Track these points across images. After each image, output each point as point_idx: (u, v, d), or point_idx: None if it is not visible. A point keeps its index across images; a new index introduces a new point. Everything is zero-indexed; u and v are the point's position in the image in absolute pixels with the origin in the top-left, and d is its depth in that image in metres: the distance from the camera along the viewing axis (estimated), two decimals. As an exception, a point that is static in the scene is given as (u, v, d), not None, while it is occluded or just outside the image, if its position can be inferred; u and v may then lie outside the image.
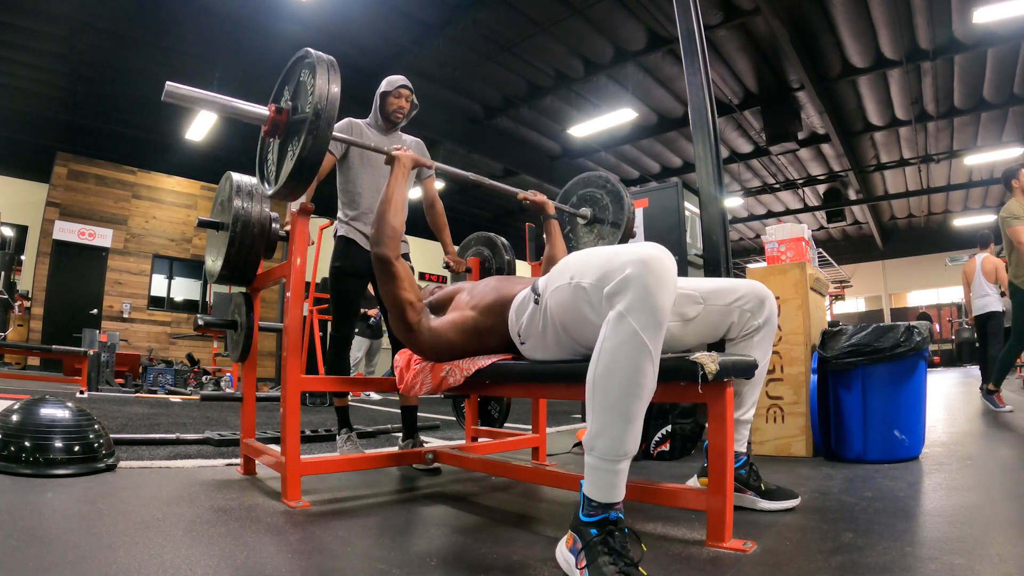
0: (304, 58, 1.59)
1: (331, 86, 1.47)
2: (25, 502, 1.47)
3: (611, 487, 1.03)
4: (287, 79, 1.67)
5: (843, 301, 14.60)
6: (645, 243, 1.09)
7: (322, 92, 1.45)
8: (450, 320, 1.55)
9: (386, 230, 1.57)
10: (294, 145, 1.52)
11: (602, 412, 1.04)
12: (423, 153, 2.60)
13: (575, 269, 1.20)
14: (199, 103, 1.50)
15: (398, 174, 1.69)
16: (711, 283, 1.47)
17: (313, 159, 1.47)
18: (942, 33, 6.83)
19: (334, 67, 1.51)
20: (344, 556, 1.19)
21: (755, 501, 1.50)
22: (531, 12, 6.79)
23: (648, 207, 3.85)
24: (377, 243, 1.57)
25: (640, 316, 1.01)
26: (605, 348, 1.03)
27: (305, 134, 1.44)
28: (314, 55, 1.54)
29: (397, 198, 1.63)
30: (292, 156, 1.51)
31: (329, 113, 1.45)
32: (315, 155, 1.47)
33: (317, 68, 1.48)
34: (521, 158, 10.51)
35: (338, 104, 1.48)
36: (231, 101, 1.55)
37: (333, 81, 1.48)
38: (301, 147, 1.46)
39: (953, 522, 1.36)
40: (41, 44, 7.23)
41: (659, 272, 1.02)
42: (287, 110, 1.59)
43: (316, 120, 1.43)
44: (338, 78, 1.49)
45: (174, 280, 10.38)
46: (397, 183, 1.66)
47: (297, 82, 1.60)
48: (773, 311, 1.47)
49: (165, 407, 4.55)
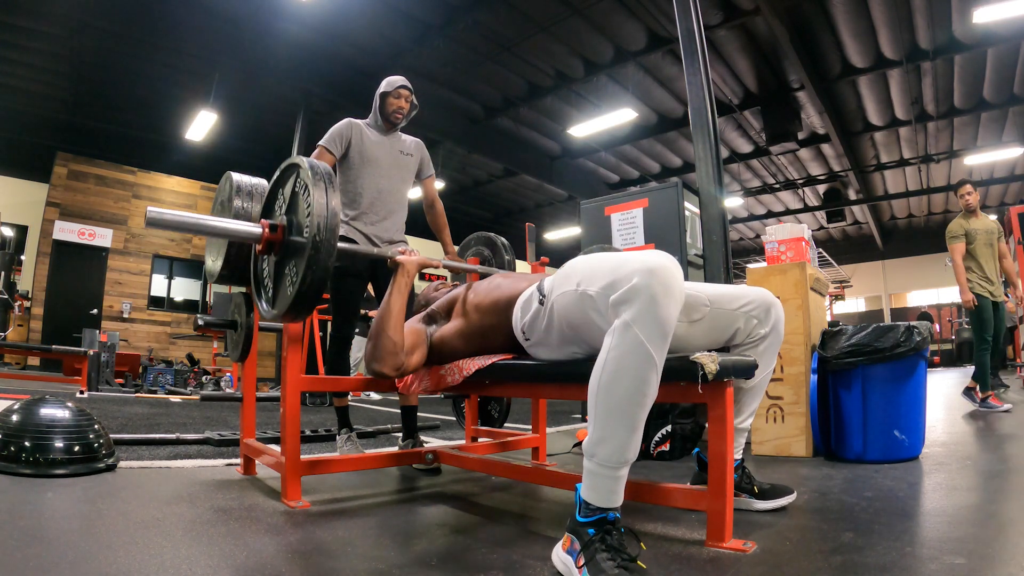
0: (296, 167, 1.47)
1: (330, 204, 1.35)
2: (25, 502, 1.47)
3: (611, 492, 1.04)
4: (278, 187, 1.57)
5: (843, 301, 14.58)
6: (653, 251, 1.09)
7: (320, 216, 1.33)
8: (454, 329, 1.55)
9: (386, 346, 1.46)
10: (292, 273, 1.41)
11: (605, 419, 1.04)
12: (423, 154, 2.60)
13: (582, 275, 1.19)
14: (185, 227, 1.40)
15: (401, 283, 1.54)
16: (718, 288, 1.46)
17: (315, 291, 1.36)
18: (942, 33, 6.83)
19: (331, 181, 1.40)
20: (344, 556, 1.19)
21: (750, 503, 1.50)
22: (531, 12, 6.79)
23: (648, 207, 3.85)
24: (375, 360, 1.47)
25: (646, 326, 1.00)
26: (610, 357, 1.03)
27: (305, 268, 1.33)
28: (306, 167, 1.41)
29: (398, 310, 1.50)
30: (292, 285, 1.39)
31: (330, 240, 1.34)
32: (317, 286, 1.36)
33: (313, 188, 1.36)
34: (521, 158, 10.52)
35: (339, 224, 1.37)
36: (219, 221, 1.45)
37: (331, 197, 1.36)
38: (301, 281, 1.34)
39: (953, 522, 1.36)
40: (41, 44, 7.24)
41: (666, 282, 1.02)
42: (282, 227, 1.46)
43: (316, 254, 1.32)
44: (336, 192, 1.39)
45: (174, 280, 10.38)
46: (399, 293, 1.52)
47: (291, 193, 1.49)
48: (780, 319, 1.44)
49: (165, 407, 4.55)
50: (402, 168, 2.50)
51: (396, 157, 2.47)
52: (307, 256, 1.34)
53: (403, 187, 2.52)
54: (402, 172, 2.50)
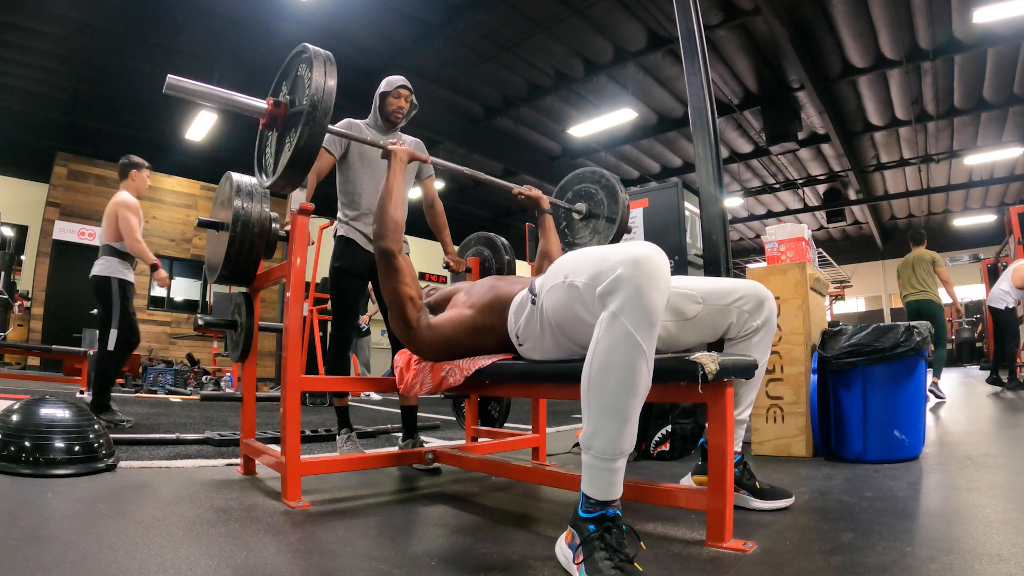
0: (301, 53, 1.61)
1: (327, 79, 1.49)
2: (25, 502, 1.47)
3: (609, 485, 1.04)
4: (285, 74, 1.69)
5: (843, 301, 14.59)
6: (637, 242, 1.09)
7: (319, 85, 1.48)
8: (448, 317, 1.56)
9: (388, 223, 1.60)
10: (291, 137, 1.54)
11: (598, 412, 1.04)
12: (422, 152, 2.60)
13: (569, 268, 1.20)
14: (199, 96, 1.53)
15: (395, 167, 1.72)
16: (710, 283, 1.46)
17: (310, 150, 1.50)
18: (942, 33, 6.83)
19: (331, 61, 1.53)
20: (344, 556, 1.19)
21: (748, 500, 1.50)
22: (531, 12, 6.79)
23: (648, 207, 3.85)
24: (380, 236, 1.59)
25: (633, 316, 1.01)
26: (599, 348, 1.03)
27: (302, 125, 1.47)
28: (311, 50, 1.56)
29: (396, 191, 1.66)
30: (290, 147, 1.53)
31: (326, 104, 1.48)
32: (312, 146, 1.49)
33: (314, 63, 1.51)
34: (521, 158, 10.52)
35: (334, 96, 1.51)
36: (230, 94, 1.58)
37: (330, 75, 1.50)
38: (298, 138, 1.48)
39: (953, 522, 1.36)
40: (41, 44, 7.24)
41: (651, 271, 1.02)
42: (285, 104, 1.61)
43: (313, 111, 1.46)
44: (335, 72, 1.52)
45: (174, 280, 10.37)
46: (395, 176, 1.70)
47: (295, 77, 1.62)
48: (772, 312, 1.46)
49: (165, 407, 4.55)
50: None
51: None
52: (305, 115, 1.46)
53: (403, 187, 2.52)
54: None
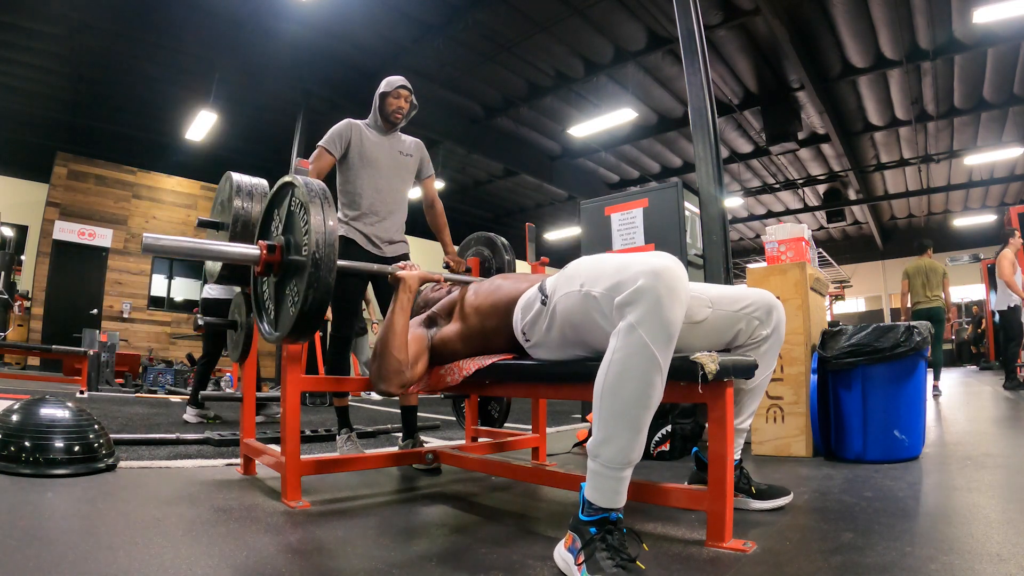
0: (291, 186, 1.47)
1: (328, 223, 1.35)
2: (25, 502, 1.47)
3: (614, 493, 1.04)
4: (274, 205, 1.56)
5: (843, 301, 14.58)
6: (658, 253, 1.08)
7: (319, 235, 1.32)
8: (455, 331, 1.55)
9: (391, 366, 1.45)
10: (293, 293, 1.40)
11: (610, 420, 1.04)
12: (422, 154, 2.59)
13: (585, 276, 1.18)
14: (182, 252, 1.40)
15: (403, 300, 1.50)
16: (719, 289, 1.45)
17: (317, 310, 1.36)
18: (942, 33, 6.83)
19: (327, 200, 1.39)
20: (344, 556, 1.19)
21: (747, 502, 1.50)
22: (531, 12, 6.78)
23: (648, 207, 3.85)
24: (380, 380, 1.46)
25: (651, 328, 1.01)
26: (615, 359, 1.03)
27: (306, 288, 1.33)
28: (301, 186, 1.40)
29: (401, 328, 1.47)
30: (294, 306, 1.38)
31: (330, 258, 1.33)
32: (319, 306, 1.35)
33: (310, 206, 1.35)
34: (521, 158, 10.51)
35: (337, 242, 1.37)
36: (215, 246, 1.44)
37: (328, 216, 1.36)
38: (303, 301, 1.34)
39: (953, 522, 1.36)
40: (41, 44, 7.23)
41: (672, 284, 1.02)
42: (280, 248, 1.46)
43: (316, 272, 1.32)
44: (333, 211, 1.38)
45: (174, 280, 10.38)
46: (401, 310, 1.48)
47: (287, 212, 1.48)
48: (781, 321, 1.44)
49: (165, 407, 4.55)
50: (402, 168, 2.49)
51: (396, 157, 2.47)
52: (307, 275, 1.33)
53: (403, 187, 2.52)
54: (402, 172, 2.50)
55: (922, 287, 5.59)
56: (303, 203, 1.40)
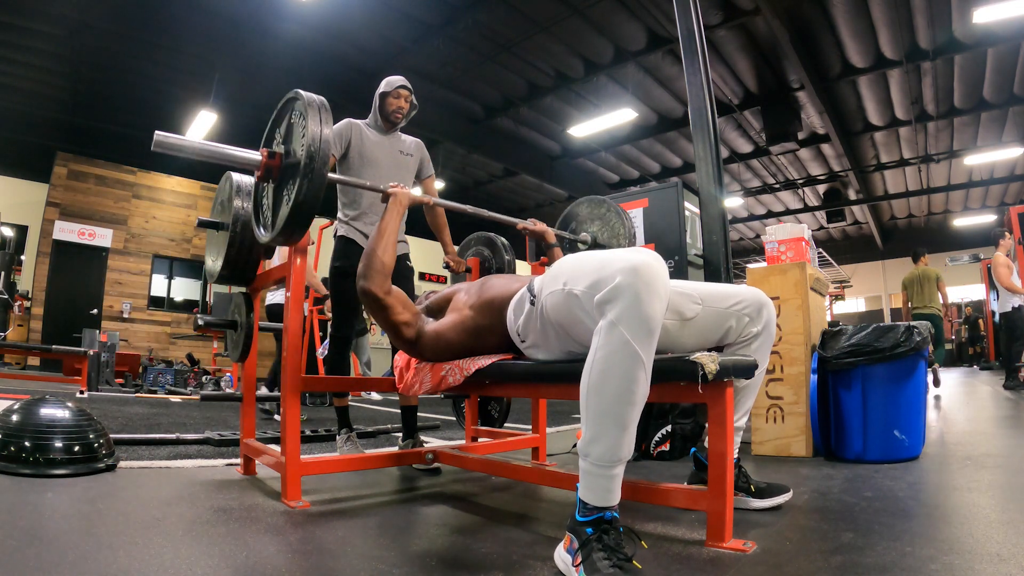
0: (294, 100, 1.56)
1: (323, 127, 1.45)
2: (25, 502, 1.47)
3: (606, 491, 1.04)
4: (277, 121, 1.65)
5: (843, 301, 14.58)
6: (636, 249, 1.09)
7: (314, 135, 1.43)
8: (449, 322, 1.56)
9: (375, 264, 1.54)
10: (289, 190, 1.49)
11: (596, 419, 1.04)
12: (423, 154, 2.60)
13: (568, 275, 1.20)
14: (189, 151, 1.49)
15: (393, 211, 1.67)
16: (709, 286, 1.46)
17: (310, 204, 1.45)
18: (942, 33, 6.83)
19: (325, 108, 1.49)
20: (344, 556, 1.19)
21: (746, 501, 1.50)
22: (531, 12, 6.79)
23: (648, 207, 3.85)
24: (364, 276, 1.54)
25: (631, 325, 1.01)
26: (598, 357, 1.04)
27: (300, 178, 1.41)
28: (304, 97, 1.51)
29: (390, 233, 1.61)
30: (288, 201, 1.48)
31: (323, 155, 1.43)
32: (311, 200, 1.44)
33: (308, 111, 1.46)
34: (521, 158, 10.51)
35: (331, 145, 1.48)
36: (221, 148, 1.53)
37: (325, 122, 1.46)
38: (296, 191, 1.43)
39: (953, 522, 1.36)
40: (41, 44, 7.24)
41: (649, 280, 1.02)
42: (280, 154, 1.56)
43: (310, 163, 1.41)
44: (330, 119, 1.48)
45: (174, 280, 10.38)
46: (392, 219, 1.64)
47: (288, 124, 1.58)
48: (771, 318, 1.46)
49: (165, 407, 4.55)
50: (402, 168, 2.49)
51: (396, 157, 2.47)
52: (302, 167, 1.42)
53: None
54: (402, 172, 2.49)
55: (917, 294, 5.97)
56: (303, 112, 1.50)
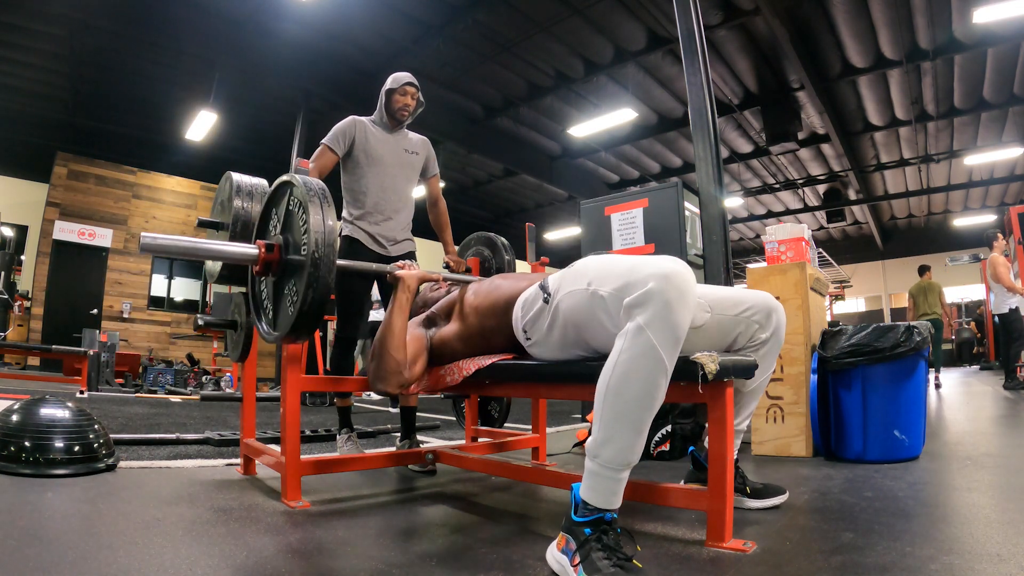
0: (290, 186, 1.46)
1: (327, 222, 1.33)
2: (25, 502, 1.47)
3: (611, 494, 1.04)
4: (272, 204, 1.55)
5: (843, 301, 14.57)
6: (668, 257, 1.08)
7: (318, 234, 1.31)
8: (453, 332, 1.54)
9: (389, 366, 1.44)
10: (292, 292, 1.38)
11: (612, 421, 1.04)
12: (428, 152, 2.55)
13: (594, 275, 1.18)
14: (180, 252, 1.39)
15: (402, 300, 1.50)
16: (719, 291, 1.43)
17: (316, 310, 1.34)
18: (942, 33, 6.82)
19: (326, 199, 1.38)
20: (344, 556, 1.19)
21: (743, 501, 1.50)
22: (531, 12, 6.78)
23: (648, 207, 3.85)
24: (379, 379, 1.45)
25: (659, 331, 1.01)
26: (621, 359, 1.03)
27: (305, 287, 1.32)
28: (300, 185, 1.39)
29: (399, 329, 1.47)
30: (292, 306, 1.37)
31: (329, 259, 1.32)
32: (318, 306, 1.34)
33: (309, 205, 1.34)
34: (521, 158, 10.51)
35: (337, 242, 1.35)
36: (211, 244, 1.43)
37: (328, 215, 1.34)
38: (302, 300, 1.32)
39: (953, 522, 1.36)
40: (41, 44, 7.24)
41: (681, 288, 1.02)
42: (278, 247, 1.44)
43: (315, 271, 1.31)
44: (332, 210, 1.36)
45: (174, 280, 10.38)
46: (400, 311, 1.48)
47: (286, 211, 1.47)
48: (781, 324, 1.43)
49: (165, 407, 4.55)
50: (407, 166, 2.46)
51: (401, 155, 2.43)
52: (307, 274, 1.32)
53: (408, 185, 2.48)
54: (407, 170, 2.46)
55: (922, 304, 7.17)
56: (302, 202, 1.39)
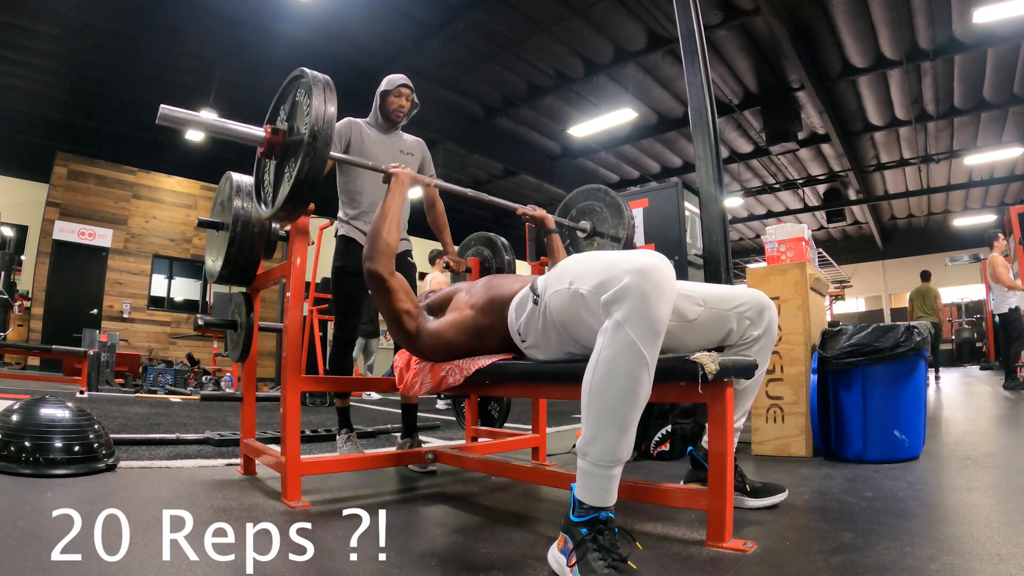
0: (299, 78, 1.57)
1: (327, 106, 1.45)
2: (25, 502, 1.47)
3: (604, 492, 1.04)
4: (282, 99, 1.66)
5: (843, 301, 14.57)
6: (644, 251, 1.09)
7: (318, 113, 1.44)
8: (449, 320, 1.55)
9: (379, 245, 1.55)
10: (291, 167, 1.49)
11: (597, 419, 1.04)
12: (424, 153, 2.58)
13: (574, 274, 1.19)
14: (194, 125, 1.50)
15: (395, 190, 1.68)
16: (711, 288, 1.45)
17: (311, 181, 1.46)
18: (942, 33, 6.83)
19: (330, 87, 1.49)
20: (344, 556, 1.19)
21: (742, 500, 1.50)
22: (531, 12, 6.78)
23: (648, 207, 3.85)
24: (369, 258, 1.55)
25: (637, 326, 1.01)
26: (602, 357, 1.03)
27: (302, 156, 1.42)
28: (309, 75, 1.51)
29: (393, 214, 1.62)
30: (289, 178, 1.48)
31: (326, 133, 1.44)
32: (313, 177, 1.45)
33: (313, 89, 1.46)
34: (521, 158, 10.51)
35: (335, 124, 1.47)
36: (226, 123, 1.54)
37: (329, 101, 1.46)
38: (299, 169, 1.43)
39: (953, 522, 1.36)
40: (41, 44, 7.23)
41: (657, 281, 1.02)
42: (283, 131, 1.57)
43: (313, 142, 1.42)
44: (334, 98, 1.48)
45: (174, 280, 10.37)
46: (394, 199, 1.66)
47: (292, 102, 1.58)
48: (773, 321, 1.44)
49: (165, 407, 4.55)
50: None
51: (396, 156, 2.44)
52: (305, 144, 1.42)
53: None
54: None
55: (920, 307, 7.64)
56: (308, 89, 1.50)
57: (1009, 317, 5.50)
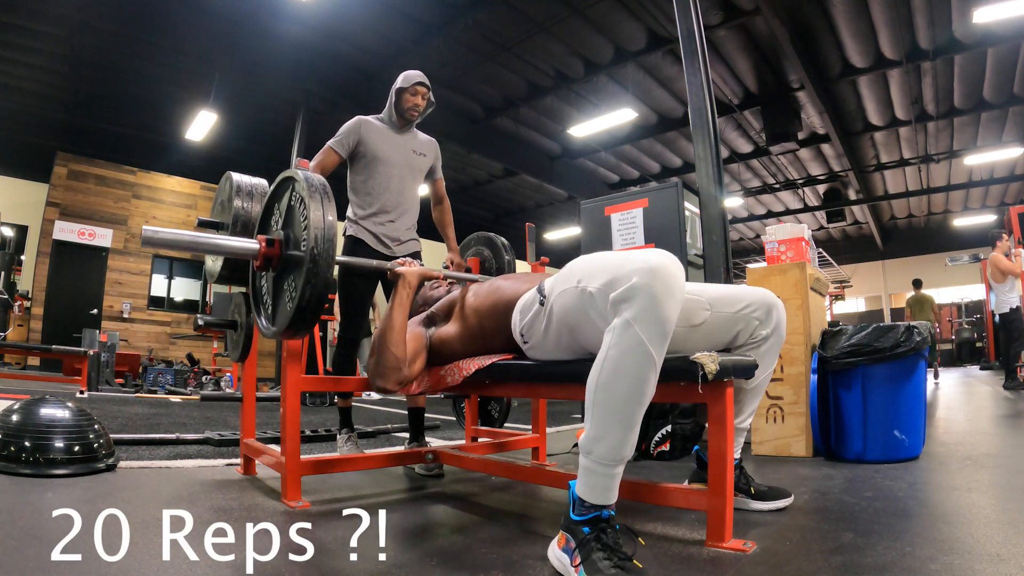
0: (291, 181, 1.46)
1: (326, 215, 1.35)
2: (25, 502, 1.47)
3: (606, 490, 1.04)
4: (275, 200, 1.57)
5: (843, 301, 14.57)
6: (654, 250, 1.08)
7: (318, 228, 1.32)
8: (456, 331, 1.54)
9: (388, 361, 1.44)
10: (291, 288, 1.39)
11: (603, 417, 1.04)
12: (436, 154, 2.52)
13: (582, 273, 1.18)
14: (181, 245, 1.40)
15: (402, 296, 1.50)
16: (718, 289, 1.43)
17: (315, 305, 1.35)
18: (942, 33, 6.82)
19: (327, 193, 1.38)
20: (344, 556, 1.19)
21: (747, 502, 1.50)
22: (531, 12, 6.78)
23: (648, 207, 3.84)
24: (377, 376, 1.45)
25: (646, 325, 1.00)
26: (610, 355, 1.03)
27: (304, 282, 1.32)
28: (301, 180, 1.40)
29: (400, 325, 1.46)
30: (291, 301, 1.38)
31: (328, 254, 1.33)
32: (317, 300, 1.35)
33: (309, 199, 1.35)
34: (521, 158, 10.51)
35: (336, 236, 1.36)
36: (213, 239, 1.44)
37: (328, 210, 1.36)
38: (300, 296, 1.33)
39: (953, 522, 1.36)
40: (41, 44, 7.23)
41: (667, 281, 1.01)
42: (279, 241, 1.45)
43: (314, 267, 1.32)
44: (332, 203, 1.37)
45: (174, 280, 10.38)
46: (401, 307, 1.48)
47: (287, 206, 1.48)
48: (781, 320, 1.42)
49: (165, 407, 4.55)
50: (414, 167, 2.42)
51: (409, 156, 2.40)
52: (306, 270, 1.33)
53: (414, 186, 2.45)
54: (413, 171, 2.43)
55: (917, 315, 8.29)
56: (303, 198, 1.40)
57: (1009, 317, 5.50)
